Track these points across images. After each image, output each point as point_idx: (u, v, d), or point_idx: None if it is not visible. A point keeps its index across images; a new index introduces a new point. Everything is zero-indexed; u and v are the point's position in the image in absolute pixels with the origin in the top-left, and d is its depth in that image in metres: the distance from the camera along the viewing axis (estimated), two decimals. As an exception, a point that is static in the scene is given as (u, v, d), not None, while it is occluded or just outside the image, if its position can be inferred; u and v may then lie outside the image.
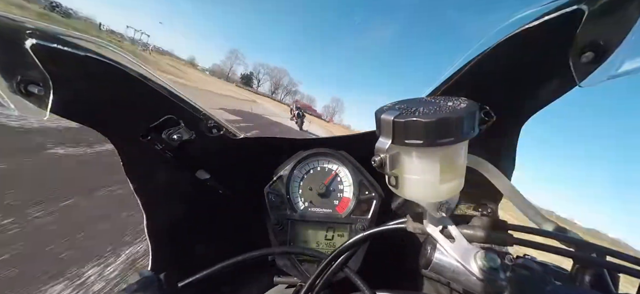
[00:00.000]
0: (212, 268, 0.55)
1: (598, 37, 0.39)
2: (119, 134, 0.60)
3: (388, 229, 0.48)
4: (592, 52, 0.39)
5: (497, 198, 0.61)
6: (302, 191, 0.76)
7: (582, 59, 0.41)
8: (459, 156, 0.35)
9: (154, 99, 0.60)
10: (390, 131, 0.32)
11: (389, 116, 0.32)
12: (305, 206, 0.75)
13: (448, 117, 0.30)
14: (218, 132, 0.71)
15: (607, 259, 0.36)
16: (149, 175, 0.67)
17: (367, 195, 0.73)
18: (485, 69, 0.50)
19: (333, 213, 0.74)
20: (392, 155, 0.33)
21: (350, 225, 0.74)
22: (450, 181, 0.36)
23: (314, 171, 0.76)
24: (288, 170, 0.75)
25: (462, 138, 0.32)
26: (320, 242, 0.75)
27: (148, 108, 0.62)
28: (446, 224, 0.40)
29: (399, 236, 0.47)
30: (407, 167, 0.35)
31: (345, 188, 0.75)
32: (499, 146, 0.55)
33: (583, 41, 0.40)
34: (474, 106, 0.32)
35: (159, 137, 0.63)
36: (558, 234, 0.40)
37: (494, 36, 0.46)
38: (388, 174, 0.35)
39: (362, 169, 0.75)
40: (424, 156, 0.33)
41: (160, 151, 0.64)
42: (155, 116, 0.62)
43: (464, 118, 0.31)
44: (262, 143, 0.77)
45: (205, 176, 0.72)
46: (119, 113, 0.60)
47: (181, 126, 0.65)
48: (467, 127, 0.32)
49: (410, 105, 0.35)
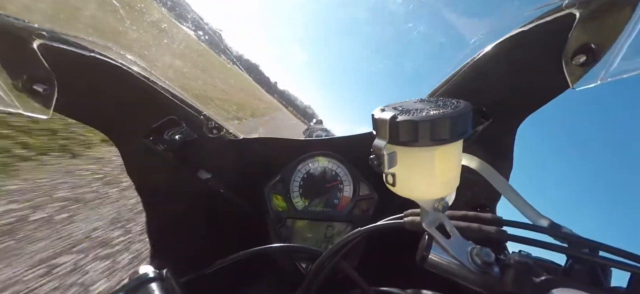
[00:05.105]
0: (213, 265, 0.56)
1: (590, 40, 0.40)
2: (121, 134, 0.61)
3: (385, 226, 0.49)
4: (584, 55, 0.40)
5: (493, 196, 0.62)
6: (302, 190, 0.77)
7: (575, 62, 0.41)
8: (454, 154, 0.36)
9: (156, 100, 0.61)
10: (387, 131, 0.33)
11: (385, 116, 0.33)
12: (305, 205, 0.76)
13: (442, 118, 0.31)
14: (219, 133, 0.72)
15: (599, 254, 0.37)
16: (150, 175, 0.68)
17: (366, 194, 0.74)
18: (481, 71, 0.51)
19: (332, 212, 0.75)
20: (388, 154, 0.34)
21: (350, 223, 0.75)
22: (446, 179, 0.37)
23: (314, 171, 0.77)
24: (288, 170, 0.76)
25: (457, 138, 0.33)
26: (319, 240, 0.76)
27: (150, 109, 0.63)
28: (442, 221, 0.41)
29: (396, 233, 0.48)
30: (404, 166, 0.36)
31: (345, 187, 0.76)
32: (496, 146, 0.56)
33: (575, 44, 0.41)
34: (468, 107, 0.33)
35: (161, 138, 0.64)
36: (552, 231, 0.41)
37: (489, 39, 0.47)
38: (385, 173, 0.36)
39: (361, 169, 0.76)
40: (420, 155, 0.34)
41: (162, 152, 0.65)
42: (157, 117, 0.63)
43: (458, 118, 0.32)
44: (263, 144, 0.78)
45: (206, 175, 0.73)
46: (122, 113, 0.61)
47: (183, 126, 0.66)
48: (461, 127, 0.33)
49: (406, 106, 0.36)
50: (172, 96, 0.63)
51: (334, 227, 0.75)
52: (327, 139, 0.79)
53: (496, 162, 0.53)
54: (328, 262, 0.54)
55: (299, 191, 0.77)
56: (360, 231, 0.51)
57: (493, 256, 0.37)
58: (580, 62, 0.41)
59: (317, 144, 0.78)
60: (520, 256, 0.37)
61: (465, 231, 0.41)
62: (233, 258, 0.57)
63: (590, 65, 0.41)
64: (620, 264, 0.35)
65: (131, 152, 0.63)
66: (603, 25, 0.39)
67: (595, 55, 0.40)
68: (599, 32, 0.40)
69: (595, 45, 0.40)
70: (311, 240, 0.75)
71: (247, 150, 0.78)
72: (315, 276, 0.55)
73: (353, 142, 0.77)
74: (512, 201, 0.48)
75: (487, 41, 0.48)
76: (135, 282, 0.40)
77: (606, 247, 0.36)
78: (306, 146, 0.78)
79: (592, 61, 0.40)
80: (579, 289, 0.32)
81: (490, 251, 0.37)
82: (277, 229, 0.74)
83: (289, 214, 0.75)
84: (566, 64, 0.43)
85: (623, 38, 0.37)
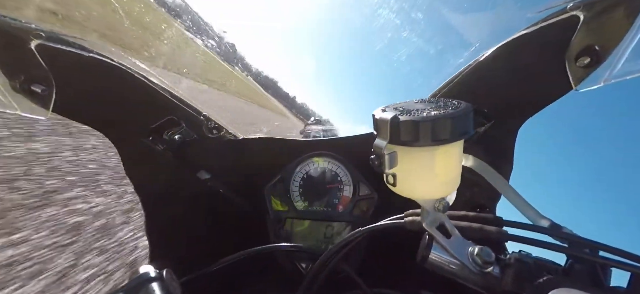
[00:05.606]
0: (213, 265, 0.56)
1: (594, 42, 0.40)
2: (120, 134, 0.61)
3: (386, 226, 0.49)
4: (588, 56, 0.40)
5: (494, 197, 0.62)
6: (301, 190, 0.76)
7: (578, 64, 0.42)
8: (454, 155, 0.36)
9: (155, 100, 0.61)
10: (387, 132, 0.33)
11: (386, 116, 0.33)
12: (304, 205, 0.76)
13: (443, 118, 0.31)
14: (218, 133, 0.71)
15: (599, 254, 0.37)
16: (149, 175, 0.68)
17: (367, 194, 0.74)
18: (484, 73, 0.51)
19: (332, 212, 0.75)
20: (389, 154, 0.34)
21: (350, 223, 0.75)
22: (447, 179, 0.37)
23: (314, 171, 0.77)
24: (288, 170, 0.76)
25: (457, 138, 0.33)
26: (319, 240, 0.76)
27: (149, 109, 0.63)
28: (443, 221, 0.41)
29: (396, 234, 0.48)
30: (404, 166, 0.35)
31: (345, 188, 0.76)
32: (497, 147, 0.56)
33: (579, 46, 0.41)
34: (469, 108, 0.33)
35: (160, 138, 0.64)
36: (552, 231, 0.41)
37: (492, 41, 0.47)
38: (386, 173, 0.36)
39: (361, 169, 0.76)
40: (420, 155, 0.34)
41: (162, 152, 0.65)
42: (157, 117, 0.63)
43: (459, 119, 0.32)
44: (262, 144, 0.78)
45: (206, 176, 0.73)
46: (121, 114, 0.61)
47: (182, 126, 0.66)
48: (462, 128, 0.33)
49: (407, 107, 0.36)
50: (171, 95, 0.63)
51: (334, 227, 0.75)
52: (327, 140, 0.79)
53: (496, 162, 0.53)
54: (328, 262, 0.54)
55: (298, 191, 0.76)
56: (360, 231, 0.51)
57: (493, 256, 0.37)
58: (584, 64, 0.41)
59: (317, 144, 0.78)
60: (521, 256, 0.37)
61: (466, 231, 0.41)
62: (233, 258, 0.57)
63: (594, 67, 0.41)
64: (621, 264, 0.35)
65: (130, 153, 0.63)
66: (607, 27, 0.39)
67: (599, 57, 0.40)
68: (603, 34, 0.40)
69: (599, 47, 0.40)
70: (311, 240, 0.75)
71: (246, 150, 0.78)
72: (316, 276, 0.55)
73: (353, 142, 0.77)
74: (513, 201, 0.48)
75: (490, 43, 0.48)
76: (136, 282, 0.40)
77: (606, 247, 0.36)
78: (306, 146, 0.78)
79: (595, 63, 0.40)
80: (579, 289, 0.32)
81: (490, 251, 0.37)
82: (277, 230, 0.74)
83: (288, 215, 0.75)
84: (569, 66, 0.43)
85: (627, 40, 0.38)
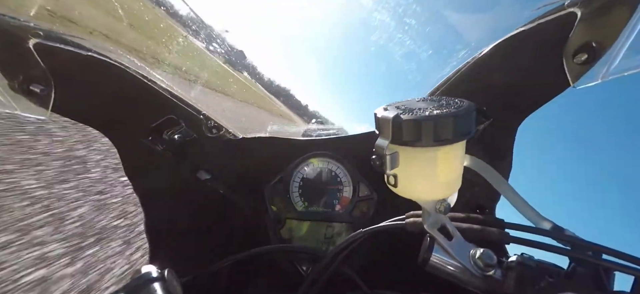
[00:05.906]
0: (213, 266, 0.55)
1: (591, 39, 0.40)
2: (120, 133, 0.61)
3: (387, 228, 0.49)
4: (585, 53, 0.40)
5: (495, 198, 0.62)
6: (301, 190, 0.76)
7: (576, 61, 0.41)
8: (456, 155, 0.36)
9: (154, 99, 0.60)
10: (389, 131, 0.33)
11: (387, 116, 0.33)
12: (304, 205, 0.75)
13: (446, 117, 0.31)
14: (218, 132, 0.71)
15: (602, 257, 0.36)
16: (149, 175, 0.67)
17: (366, 195, 0.74)
18: (482, 70, 0.51)
19: (332, 212, 0.75)
20: (391, 155, 0.33)
21: (350, 224, 0.74)
22: (448, 180, 0.36)
23: (314, 171, 0.77)
24: (288, 170, 0.75)
25: (460, 138, 0.33)
26: (319, 241, 0.75)
27: (149, 108, 0.62)
28: (444, 223, 0.40)
29: (397, 235, 0.47)
30: (406, 166, 0.35)
31: (345, 188, 0.76)
32: (496, 146, 0.56)
33: (577, 43, 0.41)
34: (472, 107, 0.33)
35: (160, 138, 0.64)
36: (555, 233, 0.41)
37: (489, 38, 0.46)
38: (387, 173, 0.36)
39: (362, 169, 0.76)
40: (422, 156, 0.34)
41: (161, 152, 0.65)
42: (156, 117, 0.63)
43: (462, 118, 0.31)
44: (262, 143, 0.78)
45: (206, 176, 0.73)
46: (120, 113, 0.60)
47: (182, 126, 0.66)
48: (464, 128, 0.32)
49: (409, 105, 0.36)
50: (170, 95, 0.62)
51: (334, 228, 0.75)
52: (326, 139, 0.79)
53: (495, 162, 0.53)
54: (329, 264, 0.54)
55: (298, 192, 0.76)
56: (361, 233, 0.51)
57: (495, 259, 0.36)
58: (582, 61, 0.41)
59: (317, 144, 0.77)
60: (523, 259, 0.37)
61: (467, 233, 0.40)
62: (233, 259, 0.56)
63: (591, 64, 0.41)
64: (624, 268, 0.34)
65: (130, 152, 0.63)
66: (604, 23, 0.39)
67: (597, 54, 0.40)
68: (600, 31, 0.40)
69: (597, 44, 0.40)
70: (311, 241, 0.75)
71: (246, 149, 0.78)
72: (316, 278, 0.54)
73: (352, 142, 0.77)
74: (513, 202, 0.48)
75: (488, 41, 0.48)
76: (137, 281, 0.39)
77: (609, 250, 0.36)
78: (306, 146, 0.77)
79: (593, 59, 0.40)
80: (582, 293, 0.31)
81: (492, 254, 0.37)
82: (277, 230, 0.74)
83: (288, 215, 0.75)
84: (567, 63, 0.43)
85: (624, 36, 0.38)
